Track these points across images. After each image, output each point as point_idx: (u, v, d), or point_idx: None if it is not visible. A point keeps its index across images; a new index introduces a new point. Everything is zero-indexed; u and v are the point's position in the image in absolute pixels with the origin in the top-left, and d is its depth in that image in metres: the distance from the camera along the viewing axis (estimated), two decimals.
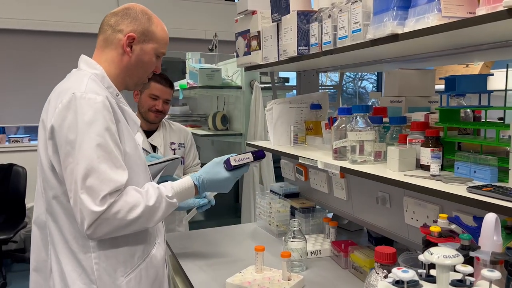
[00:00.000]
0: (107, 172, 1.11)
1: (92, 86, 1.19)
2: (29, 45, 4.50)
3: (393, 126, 1.40)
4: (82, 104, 1.13)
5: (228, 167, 1.35)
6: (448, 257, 0.65)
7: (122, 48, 1.27)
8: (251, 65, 1.95)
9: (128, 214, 1.13)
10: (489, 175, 1.02)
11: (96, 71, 1.26)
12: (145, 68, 1.32)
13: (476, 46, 1.23)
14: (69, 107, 1.13)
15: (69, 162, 1.12)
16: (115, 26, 1.27)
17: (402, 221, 1.47)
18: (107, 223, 1.11)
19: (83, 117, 1.12)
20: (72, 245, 1.20)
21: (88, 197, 1.09)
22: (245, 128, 3.16)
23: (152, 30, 1.30)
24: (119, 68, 1.29)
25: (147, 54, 1.30)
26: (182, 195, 1.28)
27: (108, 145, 1.13)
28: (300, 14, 1.52)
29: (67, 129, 1.12)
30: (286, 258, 1.44)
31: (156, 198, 1.19)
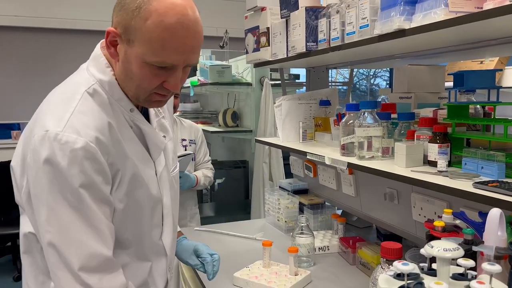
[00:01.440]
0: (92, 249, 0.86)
1: (76, 119, 0.87)
2: (45, 43, 4.57)
3: (401, 122, 1.39)
4: (55, 150, 0.84)
5: None
6: (449, 250, 0.65)
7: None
8: (260, 62, 1.96)
9: None
10: (496, 171, 1.01)
11: (104, 78, 0.94)
12: (137, 81, 0.91)
13: (486, 41, 1.22)
14: (38, 151, 0.85)
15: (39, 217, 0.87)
16: (112, 15, 0.93)
17: (409, 217, 1.47)
18: None
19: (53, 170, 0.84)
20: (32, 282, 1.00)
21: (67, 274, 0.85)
22: (255, 124, 3.18)
23: (139, 25, 0.85)
24: (117, 74, 0.95)
25: (132, 62, 0.89)
26: None
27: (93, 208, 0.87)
28: (308, 10, 1.53)
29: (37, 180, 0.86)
30: (294, 253, 1.45)
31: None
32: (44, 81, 4.59)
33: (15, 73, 4.50)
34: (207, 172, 2.42)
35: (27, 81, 4.55)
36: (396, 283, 0.67)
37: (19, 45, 4.51)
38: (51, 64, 4.58)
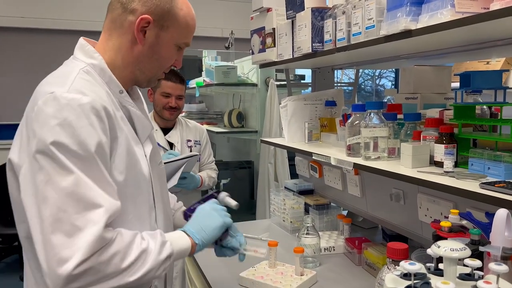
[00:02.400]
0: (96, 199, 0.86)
1: (79, 83, 0.92)
2: (49, 44, 4.60)
3: (407, 123, 1.40)
4: (62, 106, 0.86)
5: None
6: (456, 250, 0.66)
7: (133, 33, 0.99)
8: (266, 62, 1.96)
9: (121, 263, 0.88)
10: (503, 172, 1.01)
11: (93, 61, 0.99)
12: (161, 62, 1.04)
13: (492, 42, 1.22)
14: (42, 110, 0.87)
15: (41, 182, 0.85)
16: (127, 4, 0.99)
17: (416, 218, 1.47)
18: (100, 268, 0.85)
19: (60, 126, 0.85)
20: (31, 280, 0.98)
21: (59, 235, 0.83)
22: (260, 125, 3.18)
23: (175, 13, 1.01)
24: (128, 58, 1.01)
25: (164, 44, 1.02)
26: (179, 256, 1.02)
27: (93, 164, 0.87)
28: (314, 11, 1.53)
29: (38, 139, 0.86)
30: (299, 254, 1.45)
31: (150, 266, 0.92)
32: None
33: (19, 73, 4.53)
34: (211, 172, 2.43)
35: (30, 82, 4.55)
36: (403, 282, 0.67)
37: (23, 46, 4.54)
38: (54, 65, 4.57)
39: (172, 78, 2.20)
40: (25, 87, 4.61)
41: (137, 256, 0.89)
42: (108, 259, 0.85)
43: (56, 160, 0.85)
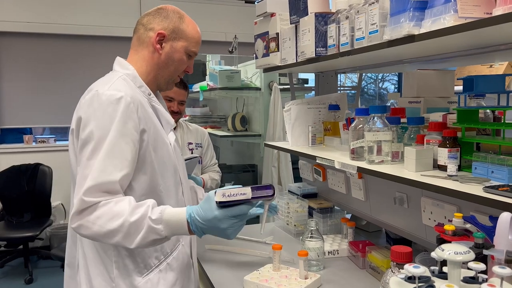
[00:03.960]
0: (104, 166, 1.09)
1: (118, 84, 1.20)
2: (56, 49, 4.64)
3: (411, 127, 1.40)
4: (102, 100, 1.14)
5: (218, 203, 1.09)
6: (460, 254, 0.66)
7: (152, 45, 1.28)
8: (269, 67, 1.97)
9: (107, 223, 1.07)
10: (506, 175, 1.01)
11: (128, 71, 1.28)
12: (176, 66, 1.32)
13: (495, 46, 1.23)
14: (90, 104, 1.15)
15: (81, 156, 1.13)
16: (147, 25, 1.30)
17: (419, 221, 1.47)
18: (87, 225, 1.08)
19: (101, 113, 1.13)
20: (96, 243, 1.20)
21: (81, 187, 1.08)
22: (264, 129, 3.19)
23: (183, 28, 1.30)
24: (150, 66, 1.30)
25: (177, 52, 1.30)
26: (171, 226, 1.10)
27: (119, 140, 1.12)
28: (318, 16, 1.54)
29: (85, 124, 1.13)
30: (303, 257, 1.46)
31: (139, 216, 1.08)
32: (55, 86, 4.66)
33: (27, 78, 4.57)
34: (214, 175, 2.44)
35: (38, 86, 4.61)
36: (407, 285, 0.68)
37: (31, 51, 4.57)
38: (62, 69, 4.65)
39: (176, 84, 2.22)
40: (29, 92, 4.66)
41: (120, 225, 1.07)
42: (93, 221, 1.07)
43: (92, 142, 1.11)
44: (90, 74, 4.69)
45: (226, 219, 1.08)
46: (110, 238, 1.09)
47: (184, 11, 1.35)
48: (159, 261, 1.25)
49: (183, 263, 1.32)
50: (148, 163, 1.20)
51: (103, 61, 4.72)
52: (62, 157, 4.51)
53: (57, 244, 4.16)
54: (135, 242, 1.09)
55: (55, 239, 4.29)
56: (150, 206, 1.11)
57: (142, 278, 1.21)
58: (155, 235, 1.09)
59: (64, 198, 4.54)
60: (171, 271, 1.27)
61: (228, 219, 1.09)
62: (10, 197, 4.04)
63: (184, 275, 1.32)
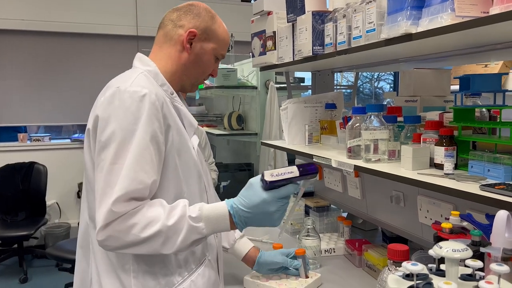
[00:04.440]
0: (134, 172, 0.99)
1: (140, 81, 1.09)
2: (51, 47, 4.61)
3: (407, 125, 1.41)
4: (125, 98, 1.03)
5: (264, 184, 1.05)
6: (457, 251, 0.67)
7: (181, 44, 1.18)
8: (266, 65, 1.97)
9: (143, 230, 0.98)
10: (502, 174, 1.02)
11: (149, 68, 1.17)
12: (203, 69, 1.24)
13: (491, 45, 1.23)
14: (110, 101, 1.04)
15: (100, 159, 1.02)
16: (177, 21, 1.20)
17: (416, 220, 1.48)
18: (119, 236, 0.98)
19: (125, 112, 1.02)
20: (111, 256, 1.09)
21: (107, 198, 0.97)
22: (260, 127, 3.19)
23: (214, 29, 1.22)
24: (176, 65, 1.20)
25: (206, 53, 1.21)
26: (212, 222, 1.05)
27: (147, 143, 1.01)
28: (315, 15, 1.54)
29: (105, 123, 1.02)
30: (302, 255, 1.46)
31: (177, 218, 1.01)
32: (50, 84, 4.63)
33: (21, 76, 4.54)
34: (211, 174, 2.44)
35: (33, 84, 4.59)
36: (405, 283, 0.68)
37: (26, 48, 4.55)
38: (57, 67, 4.62)
39: None
40: (24, 90, 4.63)
41: (158, 230, 0.99)
42: (125, 230, 0.97)
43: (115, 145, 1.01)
44: (85, 72, 4.68)
45: (274, 201, 1.05)
46: (146, 246, 1.00)
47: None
48: (183, 278, 1.11)
49: (209, 281, 1.16)
50: (172, 167, 1.09)
51: (99, 60, 4.70)
52: (57, 156, 4.49)
53: (52, 243, 4.14)
54: (175, 246, 1.01)
55: (50, 238, 4.27)
56: (186, 206, 1.04)
57: None
58: (197, 235, 1.03)
59: (59, 197, 4.52)
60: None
61: (276, 201, 1.06)
62: (4, 196, 4.02)
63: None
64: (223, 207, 1.06)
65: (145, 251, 1.01)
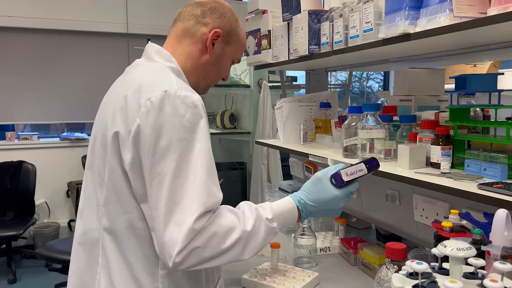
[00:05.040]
0: (208, 186, 0.92)
1: (182, 84, 1.00)
2: (37, 44, 4.54)
3: (403, 125, 1.42)
4: (178, 104, 0.93)
5: (339, 183, 1.08)
6: (462, 250, 0.67)
7: (204, 43, 1.11)
8: (261, 64, 1.97)
9: (223, 240, 0.93)
10: (499, 173, 1.03)
11: (172, 65, 1.08)
12: (220, 71, 1.18)
13: (485, 45, 1.25)
14: (161, 108, 0.92)
15: (157, 173, 0.91)
16: (201, 18, 1.12)
17: (411, 218, 1.49)
18: (198, 252, 0.91)
19: (181, 120, 0.93)
20: (137, 272, 1.00)
21: (181, 216, 0.89)
22: (253, 126, 3.19)
23: (238, 32, 1.17)
24: (195, 65, 1.13)
25: (226, 56, 1.16)
26: (283, 219, 1.05)
27: (209, 153, 0.95)
28: (311, 14, 1.54)
29: (158, 133, 0.92)
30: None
31: (254, 221, 0.98)
32: (38, 82, 4.56)
33: (9, 74, 4.46)
34: None
35: (21, 82, 4.51)
36: (409, 282, 0.68)
37: (13, 46, 4.47)
38: (46, 65, 4.55)
39: None
40: (11, 88, 4.55)
41: (238, 238, 0.95)
42: (204, 244, 0.91)
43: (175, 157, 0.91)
44: (74, 70, 4.62)
45: (346, 197, 1.09)
46: (227, 256, 0.95)
47: (172, 6, 1.26)
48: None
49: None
50: None
51: (88, 57, 4.64)
52: (46, 155, 4.43)
53: (41, 243, 4.08)
54: (255, 250, 0.99)
55: (39, 238, 4.21)
56: (257, 208, 1.02)
57: None
58: (273, 235, 1.03)
59: (48, 196, 4.46)
60: None
61: (347, 197, 1.09)
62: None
63: None
64: (291, 203, 1.07)
65: (225, 261, 0.96)
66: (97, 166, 1.05)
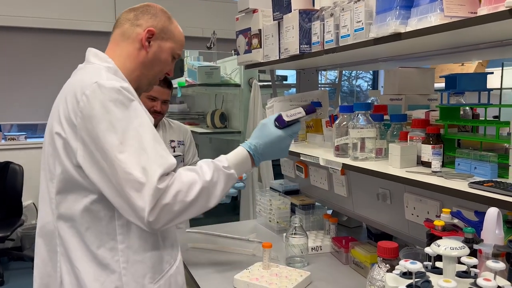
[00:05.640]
0: (158, 151, 1.03)
1: (112, 76, 1.11)
2: (24, 43, 4.47)
3: (393, 124, 1.42)
4: (109, 90, 1.04)
5: (281, 124, 1.22)
6: (455, 249, 0.67)
7: (140, 42, 1.21)
8: (252, 63, 1.96)
9: (188, 194, 1.04)
10: (489, 171, 1.04)
11: (109, 65, 1.17)
12: (161, 67, 1.26)
13: (474, 45, 1.26)
14: (95, 97, 1.03)
15: (108, 155, 1.01)
16: (134, 21, 1.22)
17: (402, 217, 1.50)
18: (168, 209, 1.01)
19: (115, 103, 1.03)
20: (97, 250, 1.09)
21: (144, 180, 0.99)
22: (243, 126, 3.18)
23: (172, 29, 1.26)
24: (135, 63, 1.22)
25: (164, 52, 1.24)
26: (238, 165, 1.17)
27: (150, 127, 1.06)
28: (302, 13, 1.54)
29: (98, 120, 1.02)
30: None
31: (212, 172, 1.10)
32: (25, 81, 4.49)
33: None
34: None
35: (6, 81, 4.44)
36: (403, 281, 0.68)
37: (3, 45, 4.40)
38: (32, 64, 4.49)
39: (160, 82, 2.13)
40: (8, 86, 4.47)
41: (201, 188, 1.06)
42: (172, 200, 1.02)
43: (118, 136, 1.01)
44: (61, 69, 4.54)
45: (289, 136, 1.24)
46: (194, 208, 1.06)
47: (161, 4, 1.30)
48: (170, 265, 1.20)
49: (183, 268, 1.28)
50: None
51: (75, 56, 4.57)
52: (33, 155, 4.36)
53: (29, 245, 4.03)
54: (218, 197, 1.11)
55: (27, 240, 4.15)
56: (213, 161, 1.14)
57: (153, 284, 1.14)
58: (232, 181, 1.15)
59: (35, 197, 4.38)
60: (180, 274, 1.25)
61: (290, 136, 1.24)
62: None
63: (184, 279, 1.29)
64: (242, 150, 1.21)
65: (195, 211, 1.07)
66: (47, 163, 1.14)
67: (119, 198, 1.02)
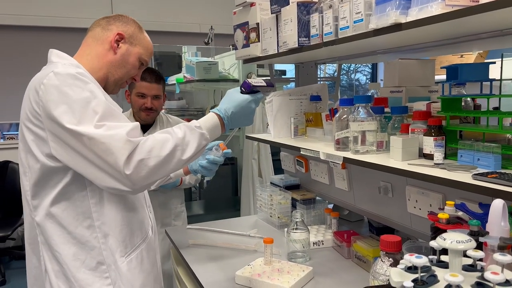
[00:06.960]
0: (120, 121, 1.12)
1: (68, 66, 1.18)
2: (20, 41, 4.44)
3: (394, 116, 1.41)
4: (65, 76, 1.11)
5: (247, 88, 1.31)
6: (461, 242, 0.66)
7: (109, 43, 1.28)
8: (250, 57, 1.94)
9: (162, 149, 1.10)
10: (492, 163, 1.03)
11: (70, 62, 1.25)
12: (128, 70, 1.33)
13: (475, 35, 1.24)
14: (52, 84, 1.11)
15: (74, 136, 1.08)
16: (106, 25, 1.31)
17: (404, 210, 1.48)
18: (144, 163, 1.08)
19: (71, 87, 1.10)
20: (75, 229, 1.18)
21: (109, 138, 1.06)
22: None
23: (141, 37, 1.34)
24: (102, 62, 1.29)
25: (132, 55, 1.32)
26: (210, 129, 1.24)
27: (108, 104, 1.13)
28: (300, 5, 1.52)
29: (57, 104, 1.09)
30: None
31: (184, 131, 1.17)
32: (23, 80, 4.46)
33: None
34: None
35: (5, 80, 4.42)
36: (409, 276, 0.67)
37: None
38: (29, 62, 4.45)
39: (146, 77, 2.04)
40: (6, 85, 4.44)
41: (175, 145, 1.13)
42: (147, 155, 1.08)
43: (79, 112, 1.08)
44: None
45: (254, 100, 1.31)
46: (171, 163, 1.12)
47: (158, 1, 1.33)
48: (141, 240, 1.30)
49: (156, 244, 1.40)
50: None
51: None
52: None
53: None
54: (191, 153, 1.16)
55: None
56: (184, 123, 1.21)
57: (124, 258, 1.24)
58: (204, 141, 1.20)
59: None
60: (151, 250, 1.35)
61: (255, 101, 1.31)
62: None
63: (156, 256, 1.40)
64: (212, 114, 1.27)
65: (172, 167, 1.13)
66: (20, 159, 1.21)
67: (92, 168, 1.08)
